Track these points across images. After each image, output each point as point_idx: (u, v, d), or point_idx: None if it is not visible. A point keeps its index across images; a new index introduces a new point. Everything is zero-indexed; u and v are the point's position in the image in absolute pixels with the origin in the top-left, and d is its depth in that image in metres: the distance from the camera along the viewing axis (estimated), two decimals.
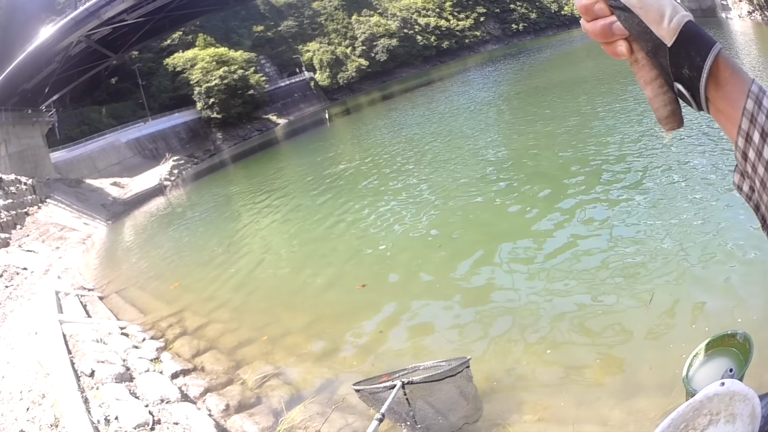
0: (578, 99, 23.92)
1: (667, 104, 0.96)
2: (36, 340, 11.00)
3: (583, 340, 6.78)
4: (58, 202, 35.95)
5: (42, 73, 45.10)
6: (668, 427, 1.77)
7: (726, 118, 0.90)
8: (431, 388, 5.48)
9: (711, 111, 0.92)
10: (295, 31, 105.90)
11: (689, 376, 2.54)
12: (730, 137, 0.91)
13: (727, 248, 7.69)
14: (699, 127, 13.38)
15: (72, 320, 12.12)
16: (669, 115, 0.97)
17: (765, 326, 5.51)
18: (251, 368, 8.41)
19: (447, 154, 20.95)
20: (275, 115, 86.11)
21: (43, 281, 18.97)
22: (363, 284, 10.73)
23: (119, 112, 71.46)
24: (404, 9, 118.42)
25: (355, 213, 16.54)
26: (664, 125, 0.99)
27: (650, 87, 0.96)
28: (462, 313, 8.52)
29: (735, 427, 1.73)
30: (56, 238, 28.24)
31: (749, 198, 0.97)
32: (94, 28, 43.07)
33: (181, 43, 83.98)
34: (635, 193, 11.13)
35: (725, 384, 1.77)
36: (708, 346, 2.62)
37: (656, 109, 0.97)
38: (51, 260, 23.38)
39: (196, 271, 15.74)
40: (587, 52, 48.81)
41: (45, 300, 14.63)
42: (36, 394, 8.10)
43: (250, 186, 30.60)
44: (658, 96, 0.96)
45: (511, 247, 10.52)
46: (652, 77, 0.95)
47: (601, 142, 15.48)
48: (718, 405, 1.77)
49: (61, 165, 49.79)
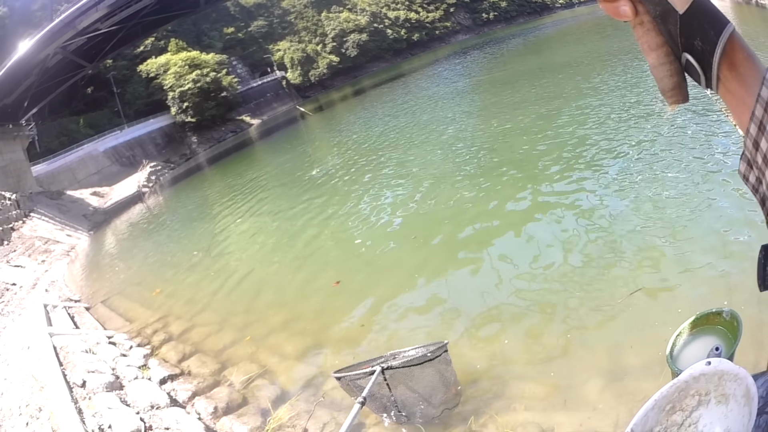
0: (547, 87, 24.55)
1: (672, 75, 0.90)
2: (29, 354, 11.23)
3: (567, 325, 6.78)
4: (41, 215, 35.72)
5: (21, 87, 45.00)
6: (652, 408, 1.71)
7: (737, 101, 0.85)
8: (411, 372, 5.56)
9: (720, 91, 0.87)
10: (265, 31, 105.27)
11: (674, 355, 2.43)
12: (738, 122, 0.87)
13: (711, 231, 7.67)
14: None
15: (61, 332, 12.33)
16: (674, 86, 0.91)
17: (754, 306, 5.31)
18: (237, 369, 8.56)
19: (418, 148, 21.27)
20: (249, 115, 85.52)
21: (32, 295, 19.08)
22: (338, 281, 10.91)
23: (96, 121, 70.98)
24: (373, 3, 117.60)
25: (329, 210, 16.79)
26: (668, 98, 0.93)
27: (655, 54, 0.89)
28: (441, 303, 8.66)
29: (729, 407, 1.64)
30: (41, 251, 28.26)
31: (755, 190, 0.92)
32: (70, 38, 43.18)
33: (153, 49, 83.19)
34: (612, 177, 11.22)
35: (712, 363, 1.71)
36: (692, 325, 2.50)
37: (660, 79, 0.91)
38: (38, 274, 23.54)
39: (177, 277, 15.95)
40: (557, 39, 49.62)
41: (34, 314, 14.87)
42: (33, 408, 8.31)
43: (227, 188, 30.72)
44: (663, 65, 0.89)
45: (488, 236, 10.70)
46: (657, 43, 0.88)
47: (572, 129, 15.74)
48: (706, 385, 1.70)
49: (43, 178, 49.82)
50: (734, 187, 8.75)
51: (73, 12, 41.60)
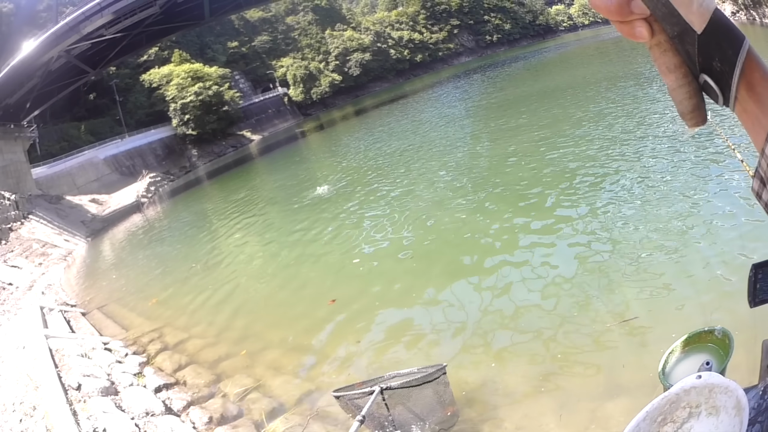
0: (543, 113, 24.78)
1: (691, 96, 0.86)
2: (24, 354, 11.36)
3: (560, 347, 6.85)
4: (39, 218, 36.28)
5: (24, 88, 45.18)
6: (644, 420, 1.76)
7: (753, 121, 0.84)
8: (409, 393, 5.62)
9: (736, 109, 0.85)
10: (269, 46, 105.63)
11: (666, 372, 2.50)
12: (754, 141, 0.85)
13: (707, 253, 7.81)
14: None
15: (57, 335, 12.43)
16: (693, 108, 0.87)
17: (748, 323, 5.30)
18: (232, 382, 8.60)
19: (419, 170, 21.28)
20: (249, 131, 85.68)
21: (28, 297, 19.35)
22: (333, 299, 10.89)
23: (97, 128, 71.12)
24: (377, 23, 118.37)
25: (326, 229, 16.81)
26: (687, 120, 0.88)
27: (673, 75, 0.85)
28: (435, 322, 8.73)
29: (720, 419, 1.69)
30: (39, 254, 28.35)
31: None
32: (74, 43, 43.38)
33: (157, 59, 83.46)
34: (609, 200, 11.41)
35: (702, 377, 1.77)
36: (685, 343, 2.59)
37: (679, 102, 0.86)
38: (35, 276, 23.68)
39: (174, 288, 15.99)
40: (559, 63, 49.73)
41: (31, 315, 14.95)
42: (27, 406, 8.43)
43: (226, 203, 30.71)
44: (682, 86, 0.85)
45: (484, 258, 10.77)
46: (675, 64, 0.84)
47: (572, 151, 16.05)
48: (696, 398, 1.76)
49: (42, 181, 50.06)
50: (729, 211, 8.96)
51: (77, 16, 41.82)
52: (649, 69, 26.40)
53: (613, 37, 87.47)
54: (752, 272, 1.89)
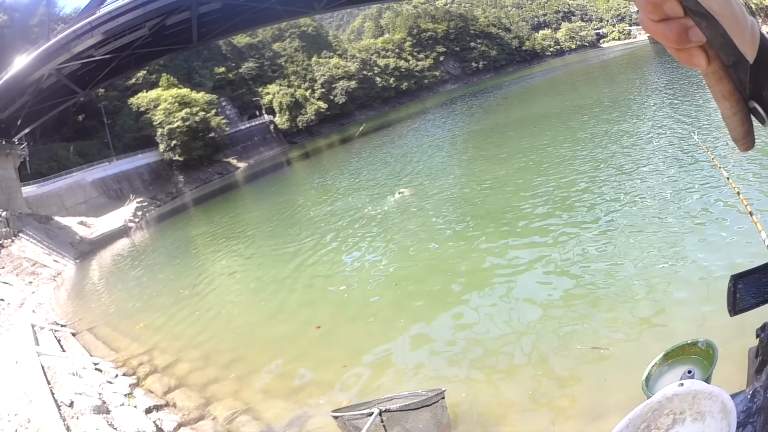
0: (539, 136, 25.28)
1: (744, 122, 0.87)
2: (17, 368, 11.46)
3: (550, 369, 6.98)
4: (30, 237, 36.37)
5: (15, 104, 45.26)
6: (626, 427, 1.77)
7: None
8: (407, 416, 5.65)
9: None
10: (255, 73, 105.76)
11: (649, 384, 2.51)
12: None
13: (693, 270, 8.07)
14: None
15: (49, 353, 12.57)
16: (745, 135, 0.88)
17: (736, 332, 5.27)
18: (221, 404, 8.69)
19: (402, 198, 21.20)
20: (236, 158, 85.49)
21: (19, 314, 19.50)
22: (318, 326, 11.02)
23: (86, 150, 71.14)
24: (363, 50, 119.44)
25: (312, 257, 16.83)
26: (740, 145, 0.90)
27: (728, 103, 0.86)
28: (421, 346, 8.88)
29: (705, 424, 1.69)
30: (29, 272, 28.50)
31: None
32: (64, 61, 43.42)
33: (145, 83, 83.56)
34: (592, 224, 11.74)
35: (684, 384, 1.79)
36: (667, 356, 2.59)
37: (733, 129, 0.88)
38: (25, 294, 23.84)
39: (162, 312, 15.98)
40: (546, 90, 50.45)
41: (22, 332, 15.12)
42: (22, 418, 8.53)
43: (212, 230, 30.83)
44: (736, 114, 0.86)
45: (470, 284, 10.87)
46: (730, 92, 0.85)
47: (558, 177, 16.39)
48: (680, 405, 1.77)
49: (32, 200, 49.99)
50: (712, 232, 9.33)
51: (68, 34, 42.12)
52: (632, 92, 27.49)
53: (600, 61, 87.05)
54: (731, 283, 2.04)
